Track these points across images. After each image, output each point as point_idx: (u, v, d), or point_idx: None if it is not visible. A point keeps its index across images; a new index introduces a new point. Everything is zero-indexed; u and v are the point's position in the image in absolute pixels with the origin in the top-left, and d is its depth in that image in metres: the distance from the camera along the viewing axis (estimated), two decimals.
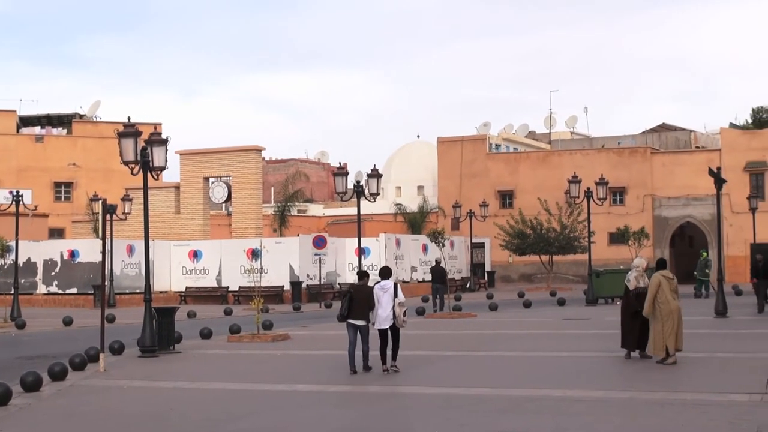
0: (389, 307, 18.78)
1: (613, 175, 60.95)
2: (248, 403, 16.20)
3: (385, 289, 18.89)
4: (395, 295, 18.84)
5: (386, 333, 19.08)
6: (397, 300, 18.83)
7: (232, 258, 50.74)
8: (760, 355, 20.39)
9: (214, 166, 55.89)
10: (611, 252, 61.25)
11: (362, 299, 19.05)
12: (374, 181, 37.29)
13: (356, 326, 19.12)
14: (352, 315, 19.09)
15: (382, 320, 18.90)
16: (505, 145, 78.05)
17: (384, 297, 18.83)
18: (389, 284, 18.97)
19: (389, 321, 18.87)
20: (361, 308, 19.03)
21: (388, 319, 18.85)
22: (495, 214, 65.35)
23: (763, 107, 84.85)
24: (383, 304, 18.82)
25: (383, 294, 18.85)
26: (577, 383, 17.14)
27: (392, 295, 18.83)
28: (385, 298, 18.82)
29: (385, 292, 18.86)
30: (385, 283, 19.03)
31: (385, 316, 18.84)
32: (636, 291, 20.19)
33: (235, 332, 28.29)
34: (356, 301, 19.06)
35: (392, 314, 18.82)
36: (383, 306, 18.81)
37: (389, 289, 18.87)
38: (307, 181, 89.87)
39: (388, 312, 18.79)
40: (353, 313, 19.07)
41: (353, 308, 19.05)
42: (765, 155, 63.05)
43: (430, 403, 15.60)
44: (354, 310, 19.05)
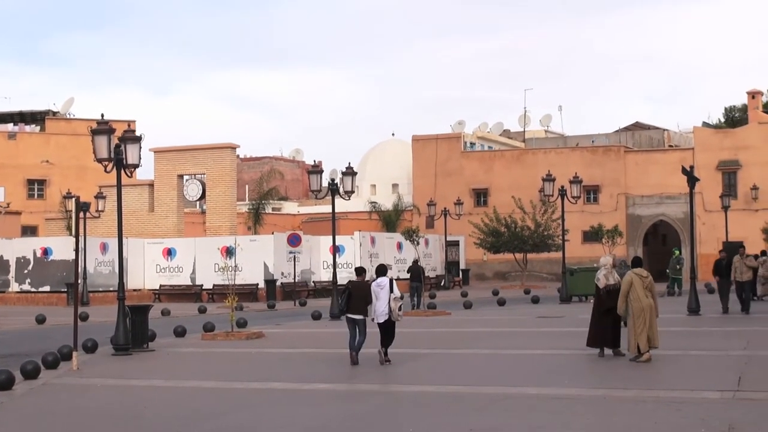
0: (386, 302, 19.67)
1: (587, 174, 61.15)
2: (222, 401, 16.15)
3: (382, 285, 19.81)
4: (391, 290, 19.71)
5: (384, 326, 19.94)
6: (392, 295, 19.67)
7: (206, 256, 50.59)
8: (732, 353, 20.52)
9: (189, 163, 55.71)
10: (585, 250, 61.49)
11: (360, 295, 20.02)
12: (349, 179, 37.27)
13: (355, 320, 20.07)
14: (351, 310, 20.05)
15: (380, 315, 19.80)
16: (479, 144, 78.18)
17: (381, 293, 19.74)
18: (385, 281, 19.87)
19: (386, 315, 19.75)
20: (359, 303, 19.98)
21: (384, 313, 19.74)
22: (469, 213, 65.49)
23: (735, 106, 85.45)
24: (381, 300, 19.73)
25: (380, 290, 19.78)
26: (551, 381, 17.19)
27: (388, 291, 19.71)
28: (382, 294, 19.72)
29: (381, 288, 19.78)
30: (381, 280, 19.92)
31: (381, 310, 19.74)
32: (606, 289, 20.29)
33: (209, 330, 28.20)
34: (354, 296, 20.03)
35: (388, 309, 19.68)
36: (381, 301, 19.73)
37: (385, 285, 19.79)
38: (281, 179, 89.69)
39: (384, 307, 19.69)
40: (352, 308, 20.03)
41: (351, 303, 20.02)
42: (737, 154, 63.46)
43: (403, 402, 15.61)
44: (352, 305, 20.01)
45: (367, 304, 20.02)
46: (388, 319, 19.81)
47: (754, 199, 62.20)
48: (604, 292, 20.31)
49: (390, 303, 19.69)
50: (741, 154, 63.36)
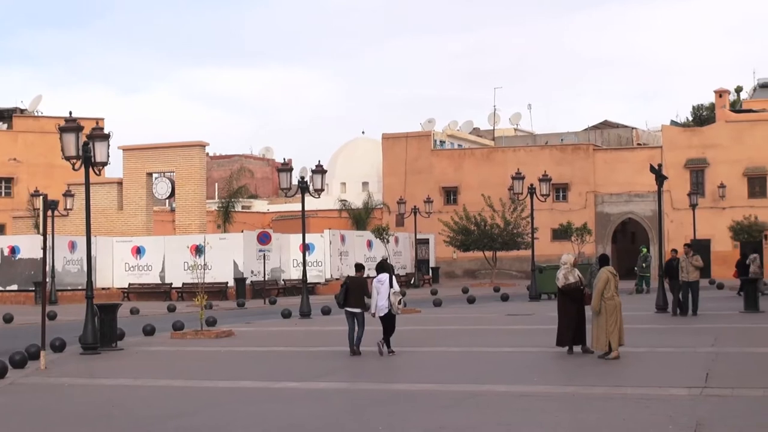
0: (386, 296, 20.89)
1: (556, 172, 61.35)
2: (191, 400, 16.11)
3: (382, 281, 21.03)
4: (391, 286, 20.95)
5: (384, 319, 21.10)
6: (392, 290, 20.95)
7: (175, 254, 50.41)
8: (699, 350, 20.67)
9: (158, 161, 55.47)
10: (554, 248, 61.63)
11: (358, 289, 21.48)
12: (319, 177, 37.23)
13: (353, 313, 21.36)
14: (349, 303, 21.35)
15: (380, 309, 20.98)
16: (449, 142, 78.28)
17: (381, 288, 20.96)
18: (385, 277, 21.12)
19: (386, 309, 20.94)
20: (357, 297, 21.37)
21: (384, 307, 20.93)
22: (439, 211, 65.57)
23: (703, 105, 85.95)
24: (381, 295, 20.95)
25: (381, 286, 20.99)
26: (520, 378, 17.26)
27: (388, 287, 20.93)
28: (382, 290, 20.93)
29: (382, 284, 21.00)
30: (382, 276, 21.17)
31: (382, 305, 20.93)
32: (566, 287, 20.39)
33: (178, 329, 28.11)
34: (352, 290, 21.41)
35: (388, 303, 20.90)
36: (381, 296, 20.95)
37: (386, 281, 21.01)
38: (251, 177, 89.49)
39: (385, 301, 20.90)
40: (350, 301, 21.34)
41: (350, 297, 21.34)
42: (705, 152, 63.86)
43: (373, 399, 15.62)
44: (350, 298, 21.33)
45: (364, 297, 21.43)
46: (389, 312, 20.93)
47: (722, 198, 62.63)
48: (564, 290, 20.44)
49: (390, 297, 20.85)
50: (708, 153, 63.78)
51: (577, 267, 21.16)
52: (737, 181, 63.05)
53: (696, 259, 30.02)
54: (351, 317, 21.42)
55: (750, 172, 62.98)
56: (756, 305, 30.94)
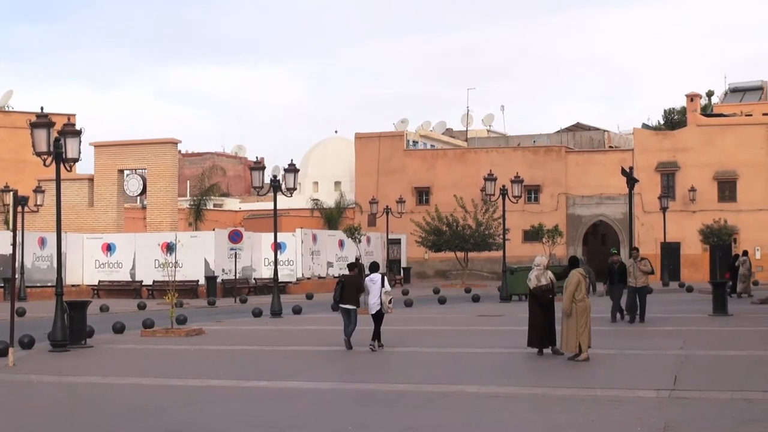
0: (377, 295, 21.91)
1: (528, 174, 61.56)
2: (161, 398, 16.06)
3: (374, 280, 22.11)
4: (382, 285, 21.97)
5: (374, 317, 22.08)
6: (383, 289, 21.95)
7: (146, 252, 50.21)
8: (668, 352, 20.79)
9: (129, 158, 55.24)
10: (526, 249, 61.86)
11: (352, 287, 22.49)
12: (291, 176, 37.18)
13: (348, 310, 22.37)
14: (344, 300, 22.38)
15: (372, 306, 22.02)
16: (422, 142, 78.38)
17: (373, 287, 22.01)
18: (377, 276, 22.23)
19: (377, 307, 21.97)
20: (352, 295, 22.39)
21: (376, 305, 21.96)
22: (411, 211, 65.63)
23: (674, 109, 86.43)
24: (372, 293, 21.99)
25: (372, 285, 22.06)
26: (490, 379, 17.30)
27: (380, 286, 21.97)
28: (374, 288, 21.98)
29: (374, 283, 22.05)
30: (374, 275, 22.32)
31: (373, 302, 21.97)
32: (537, 289, 20.47)
33: (148, 327, 28.01)
34: (347, 288, 22.38)
35: (380, 301, 21.91)
36: (372, 294, 21.99)
37: (377, 280, 22.07)
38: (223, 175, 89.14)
39: (376, 299, 21.92)
40: (345, 299, 22.37)
41: (345, 295, 22.36)
42: (676, 156, 64.23)
43: (343, 399, 15.63)
44: (345, 296, 22.35)
45: (359, 295, 22.54)
46: (379, 310, 21.93)
47: (692, 201, 63.00)
48: (535, 292, 20.52)
49: (381, 296, 21.86)
50: (679, 156, 64.14)
51: (550, 269, 21.23)
52: (707, 185, 63.44)
53: (644, 263, 29.31)
54: (346, 314, 22.39)
55: (720, 176, 63.40)
56: (724, 308, 31.13)
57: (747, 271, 41.73)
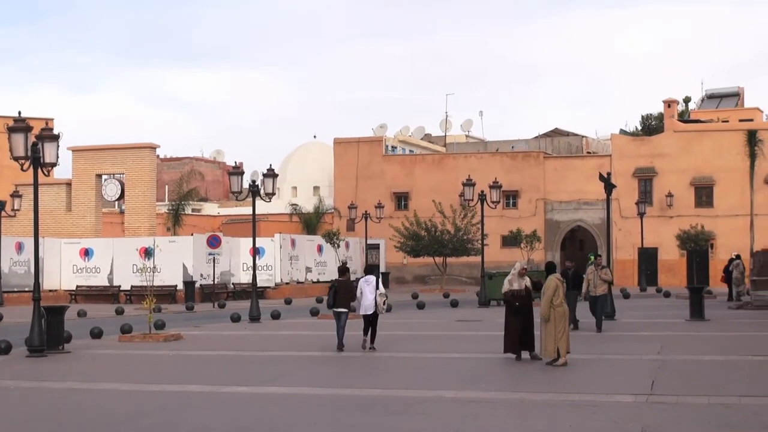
0: (372, 296, 22.57)
1: (507, 179, 61.72)
2: (139, 403, 16.01)
3: (369, 282, 22.77)
4: (377, 287, 22.66)
5: (369, 318, 22.77)
6: (378, 291, 22.62)
7: (124, 256, 50.06)
8: (646, 357, 20.89)
9: (107, 163, 55.07)
10: (504, 254, 62.02)
11: (345, 291, 23.20)
12: (270, 180, 37.14)
13: (340, 313, 23.10)
14: (338, 304, 23.12)
15: (366, 307, 22.63)
16: (401, 147, 78.48)
17: (367, 288, 22.65)
18: (372, 278, 22.86)
19: (372, 308, 22.61)
20: (344, 298, 23.13)
21: (370, 306, 22.60)
22: (390, 216, 65.66)
23: (652, 114, 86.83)
24: (367, 295, 22.61)
25: (367, 286, 22.70)
26: (469, 384, 17.33)
27: (375, 287, 22.63)
28: (368, 290, 22.62)
29: (368, 284, 22.71)
30: (369, 277, 22.99)
31: (368, 304, 22.58)
32: (510, 294, 20.55)
33: (126, 332, 27.92)
34: (340, 292, 23.16)
35: (374, 303, 22.57)
36: (367, 296, 22.61)
37: (372, 282, 22.73)
38: (202, 179, 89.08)
39: (371, 301, 22.55)
40: (338, 302, 23.11)
41: (338, 298, 23.11)
42: (653, 161, 64.50)
43: (321, 404, 15.63)
44: (339, 300, 23.10)
45: (351, 299, 23.17)
46: (374, 312, 22.64)
47: (669, 206, 63.27)
48: (506, 297, 20.62)
49: (376, 298, 22.54)
50: (657, 162, 64.42)
51: (528, 274, 21.29)
52: (684, 191, 63.74)
53: (605, 272, 28.40)
54: (338, 316, 23.17)
55: (697, 182, 63.70)
56: (701, 313, 31.30)
57: (740, 275, 41.97)
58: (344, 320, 23.21)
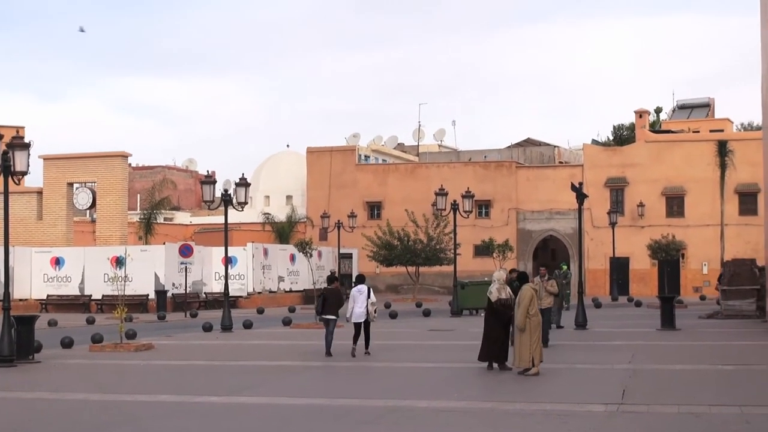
0: (364, 305, 23.48)
1: (479, 189, 61.88)
2: (109, 414, 15.92)
3: (361, 291, 23.72)
4: (368, 296, 23.59)
5: (360, 326, 23.78)
6: (369, 300, 23.54)
7: (95, 265, 49.80)
8: (617, 366, 20.97)
9: (79, 171, 54.81)
10: (476, 264, 62.16)
11: (333, 299, 24.13)
12: (242, 190, 37.10)
13: (328, 320, 23.98)
14: (326, 311, 23.99)
15: (358, 316, 23.59)
16: (374, 157, 78.53)
17: (359, 297, 23.57)
18: (364, 288, 23.81)
19: (363, 316, 23.57)
20: (332, 306, 23.97)
21: (362, 314, 23.55)
22: (363, 225, 65.65)
23: (623, 125, 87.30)
24: (359, 303, 23.52)
25: (359, 295, 23.62)
26: (441, 394, 17.34)
27: (366, 296, 23.57)
28: (360, 299, 23.54)
29: (360, 293, 23.65)
30: (361, 286, 23.89)
31: (360, 312, 23.52)
32: (499, 302, 20.52)
33: (97, 342, 27.79)
34: (329, 300, 24.03)
35: (366, 311, 23.51)
36: (359, 304, 23.51)
37: (364, 291, 23.69)
38: (174, 188, 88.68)
39: (363, 309, 23.49)
40: (327, 310, 23.99)
41: (326, 306, 23.98)
42: (625, 172, 64.83)
43: (292, 414, 15.60)
44: (327, 307, 23.97)
45: (339, 306, 24.07)
46: (366, 319, 23.59)
47: (640, 216, 63.59)
48: (496, 305, 20.53)
49: (368, 306, 23.46)
50: (628, 172, 64.75)
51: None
52: (656, 201, 64.10)
53: (551, 284, 27.37)
54: (326, 324, 24.05)
55: (668, 192, 64.08)
56: (672, 323, 31.49)
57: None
58: (332, 327, 23.99)
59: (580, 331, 31.44)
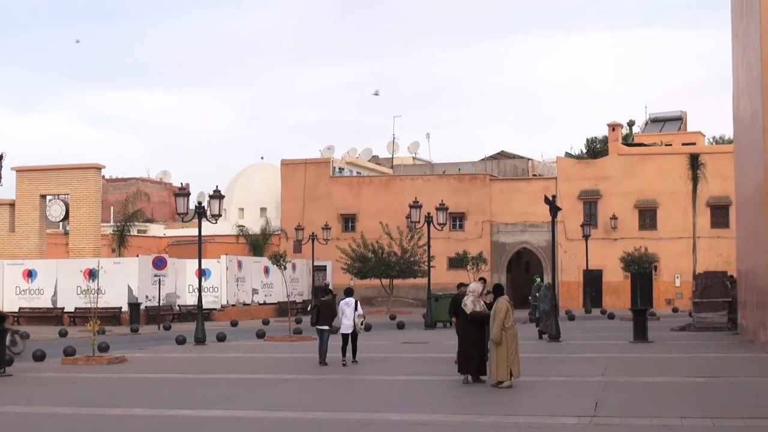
0: (351, 317, 24.75)
1: (453, 201, 62.00)
2: (81, 428, 15.86)
3: (349, 304, 24.99)
4: (356, 308, 24.88)
5: (348, 336, 24.98)
6: (356, 312, 24.81)
7: (68, 278, 49.53)
8: (590, 379, 21.05)
9: (52, 183, 54.55)
10: (450, 276, 62.11)
11: (327, 311, 25.35)
12: (216, 202, 37.05)
13: (323, 330, 25.11)
14: (320, 322, 25.23)
15: (346, 327, 24.86)
16: (348, 169, 78.55)
17: (347, 310, 24.86)
18: (352, 300, 25.11)
19: (351, 327, 24.84)
20: (327, 317, 25.19)
21: (350, 326, 24.81)
22: (337, 238, 65.65)
23: (597, 138, 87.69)
24: (347, 315, 24.79)
25: (347, 308, 24.91)
26: (414, 407, 17.35)
27: (354, 309, 24.84)
28: (348, 311, 24.82)
29: (348, 306, 24.93)
30: (349, 299, 25.13)
31: (348, 323, 24.81)
32: (475, 314, 20.52)
33: (69, 354, 27.64)
34: (323, 312, 25.34)
35: (353, 323, 24.74)
36: (347, 316, 24.79)
37: (351, 303, 24.98)
38: (148, 200, 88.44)
39: (350, 321, 24.75)
40: (321, 320, 25.24)
41: (321, 317, 25.27)
42: (598, 184, 65.14)
43: (265, 427, 15.59)
44: (321, 318, 25.23)
45: (333, 317, 25.18)
46: (353, 330, 24.83)
47: (613, 229, 63.89)
48: (475, 316, 20.52)
49: (355, 318, 24.70)
50: (601, 185, 65.08)
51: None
52: (628, 213, 64.42)
53: (489, 298, 23.36)
54: (321, 334, 25.11)
55: (641, 205, 64.44)
56: (645, 335, 31.63)
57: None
58: (327, 337, 25.06)
59: (554, 344, 31.55)
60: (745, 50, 32.23)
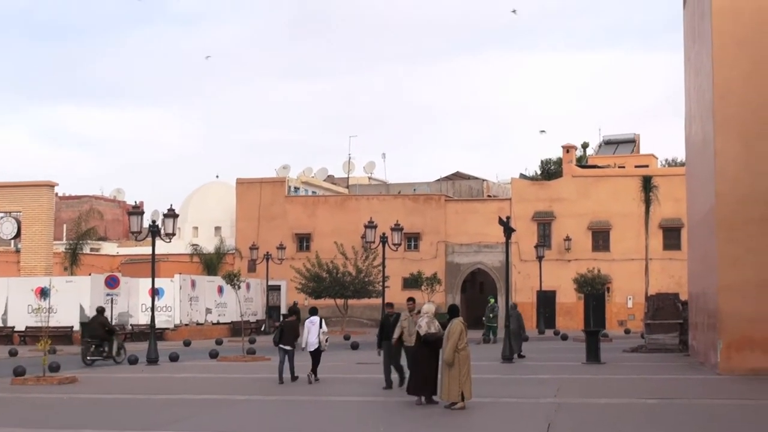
0: (316, 335, 25.42)
1: (409, 221, 62.13)
2: None
3: (314, 322, 25.62)
4: (320, 326, 25.50)
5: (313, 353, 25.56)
6: (321, 330, 25.47)
7: (19, 296, 49.04)
8: (543, 400, 21.13)
9: (4, 200, 53.97)
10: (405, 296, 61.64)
11: (290, 330, 26.08)
12: (170, 221, 36.86)
13: (285, 350, 25.75)
14: (283, 341, 25.84)
15: (311, 344, 25.48)
16: (303, 188, 78.49)
17: (312, 328, 25.51)
18: (316, 319, 25.72)
19: (316, 345, 25.46)
20: (289, 337, 25.89)
21: (315, 343, 25.45)
22: (292, 257, 65.50)
23: (551, 159, 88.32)
24: (312, 333, 25.44)
25: (312, 326, 25.52)
26: (366, 428, 17.34)
27: (318, 327, 25.48)
28: (313, 329, 25.48)
29: (313, 324, 25.55)
30: (314, 318, 25.76)
31: (312, 341, 25.46)
32: (429, 335, 20.49)
33: (19, 374, 27.31)
34: (286, 331, 26.01)
35: (318, 340, 25.35)
36: (312, 334, 25.44)
37: (316, 322, 25.62)
38: (101, 218, 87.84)
39: (315, 338, 25.41)
40: (283, 340, 25.86)
41: (283, 337, 25.89)
42: (552, 205, 65.56)
43: None
44: (284, 338, 25.87)
45: (295, 337, 25.99)
46: (318, 348, 25.40)
47: (567, 250, 64.29)
48: (429, 338, 20.49)
49: (319, 336, 25.33)
50: (555, 206, 65.49)
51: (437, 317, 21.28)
52: (582, 235, 64.87)
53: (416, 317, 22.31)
54: (283, 353, 25.71)
55: (594, 226, 64.91)
56: (597, 357, 31.82)
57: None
58: (291, 356, 25.70)
59: (507, 365, 31.64)
60: (697, 74, 32.61)
